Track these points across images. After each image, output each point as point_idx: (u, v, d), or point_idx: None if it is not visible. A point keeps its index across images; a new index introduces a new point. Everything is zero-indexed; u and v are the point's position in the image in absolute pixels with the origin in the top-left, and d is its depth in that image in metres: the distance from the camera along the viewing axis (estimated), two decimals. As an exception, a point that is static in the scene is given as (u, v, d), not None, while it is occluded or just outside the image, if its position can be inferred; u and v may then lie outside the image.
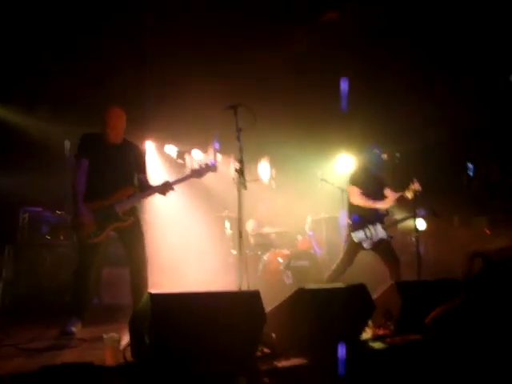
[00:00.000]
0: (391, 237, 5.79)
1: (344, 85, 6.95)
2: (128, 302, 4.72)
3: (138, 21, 5.94)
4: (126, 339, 3.41)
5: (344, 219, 5.95)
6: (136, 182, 4.82)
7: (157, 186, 4.77)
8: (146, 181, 4.88)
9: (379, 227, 5.69)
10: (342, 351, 3.63)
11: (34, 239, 6.32)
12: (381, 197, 5.86)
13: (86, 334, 4.28)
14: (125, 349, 3.25)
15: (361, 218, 5.67)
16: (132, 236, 4.66)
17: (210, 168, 4.92)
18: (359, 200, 5.71)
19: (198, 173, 4.91)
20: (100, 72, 6.59)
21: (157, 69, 6.81)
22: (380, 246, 5.67)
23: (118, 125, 4.71)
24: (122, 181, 4.67)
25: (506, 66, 7.38)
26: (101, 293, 6.01)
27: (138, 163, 4.84)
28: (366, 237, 5.62)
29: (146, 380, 2.98)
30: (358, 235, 5.64)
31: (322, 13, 6.21)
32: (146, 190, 4.80)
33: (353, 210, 5.78)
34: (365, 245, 5.65)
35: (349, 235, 5.73)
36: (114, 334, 3.28)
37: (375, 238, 5.64)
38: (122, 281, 4.84)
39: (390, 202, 5.73)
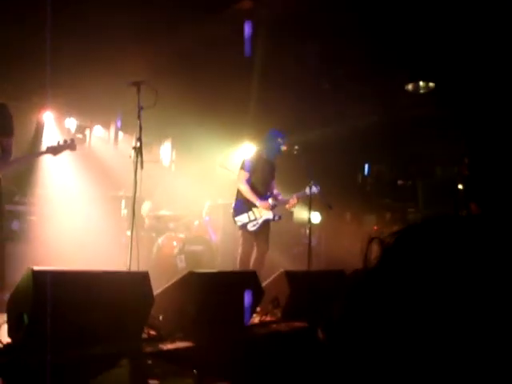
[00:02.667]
0: (279, 216, 5.93)
1: (251, 73, 7.01)
2: (12, 278, 4.45)
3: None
4: (3, 318, 3.23)
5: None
6: None
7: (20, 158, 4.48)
8: (9, 146, 4.37)
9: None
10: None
11: None
12: (267, 187, 6.01)
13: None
14: (0, 328, 3.09)
15: (244, 202, 5.79)
16: None
17: (68, 146, 4.62)
18: (243, 186, 5.82)
19: (54, 150, 4.57)
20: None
21: (60, 32, 6.43)
22: (263, 228, 5.81)
23: None
24: None
25: (404, 74, 7.78)
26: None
27: (1, 124, 4.28)
28: (249, 220, 5.74)
29: (20, 363, 2.84)
30: (240, 219, 5.76)
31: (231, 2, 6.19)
32: (7, 159, 4.32)
33: (238, 194, 5.89)
34: (249, 227, 5.75)
35: (234, 221, 5.85)
36: (-12, 312, 3.10)
37: (260, 220, 5.77)
38: (6, 256, 4.54)
39: (265, 205, 5.77)
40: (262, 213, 5.79)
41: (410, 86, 7.70)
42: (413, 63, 7.11)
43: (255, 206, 5.76)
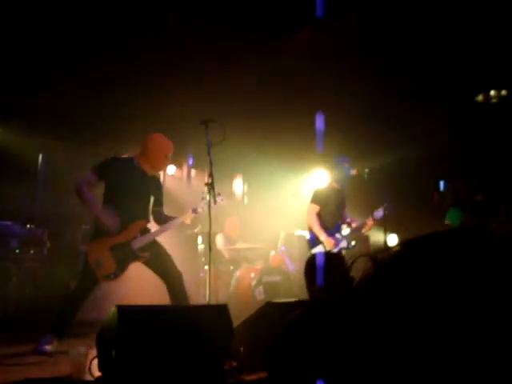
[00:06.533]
0: (354, 245, 5.86)
1: (318, 100, 7.05)
2: (96, 316, 4.67)
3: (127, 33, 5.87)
4: (93, 354, 3.38)
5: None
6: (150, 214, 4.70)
7: (174, 221, 4.74)
8: (162, 213, 4.81)
9: (338, 237, 5.78)
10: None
11: (2, 253, 6.20)
12: (338, 218, 5.95)
13: (52, 348, 4.22)
14: (91, 363, 3.23)
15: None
16: (156, 258, 4.55)
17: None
18: (311, 220, 5.79)
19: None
20: (76, 85, 6.57)
21: (135, 83, 6.81)
22: None
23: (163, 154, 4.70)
24: (138, 214, 4.54)
25: (473, 87, 7.56)
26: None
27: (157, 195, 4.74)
28: (325, 250, 5.67)
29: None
30: (317, 250, 5.68)
31: (294, 31, 6.30)
32: (162, 222, 4.71)
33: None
34: None
35: (310, 253, 5.78)
36: (80, 348, 3.26)
37: (335, 250, 5.70)
38: (92, 295, 4.76)
39: (329, 243, 5.69)
40: (337, 242, 5.74)
41: (480, 97, 7.45)
42: (482, 73, 6.90)
43: (330, 235, 5.72)
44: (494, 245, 0.51)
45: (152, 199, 4.68)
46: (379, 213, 5.89)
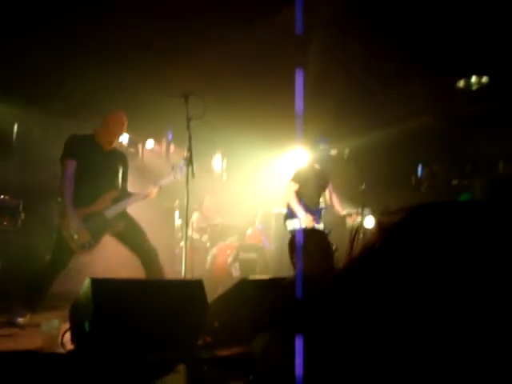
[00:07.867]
0: (329, 230, 5.89)
1: (299, 79, 7.01)
2: (70, 289, 4.62)
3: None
4: (66, 327, 3.36)
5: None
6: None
7: (141, 193, 4.73)
8: (125, 189, 4.80)
9: (316, 218, 5.80)
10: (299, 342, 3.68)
11: (-25, 224, 6.09)
12: (318, 199, 5.97)
13: (25, 321, 4.18)
14: (64, 336, 3.22)
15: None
16: (130, 232, 4.53)
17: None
18: (290, 198, 5.77)
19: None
20: (50, 52, 6.41)
21: (113, 55, 6.67)
22: None
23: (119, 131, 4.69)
24: (107, 185, 4.53)
25: (454, 70, 7.59)
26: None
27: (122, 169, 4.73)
28: (300, 226, 5.65)
29: (82, 368, 2.95)
30: (291, 223, 5.68)
31: (277, 10, 6.23)
32: (128, 196, 4.69)
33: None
34: None
35: (284, 225, 5.81)
36: (53, 321, 3.24)
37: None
38: (68, 268, 4.71)
39: (308, 221, 5.65)
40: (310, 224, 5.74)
41: (461, 83, 7.49)
42: (463, 58, 6.92)
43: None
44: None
45: (120, 172, 4.65)
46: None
